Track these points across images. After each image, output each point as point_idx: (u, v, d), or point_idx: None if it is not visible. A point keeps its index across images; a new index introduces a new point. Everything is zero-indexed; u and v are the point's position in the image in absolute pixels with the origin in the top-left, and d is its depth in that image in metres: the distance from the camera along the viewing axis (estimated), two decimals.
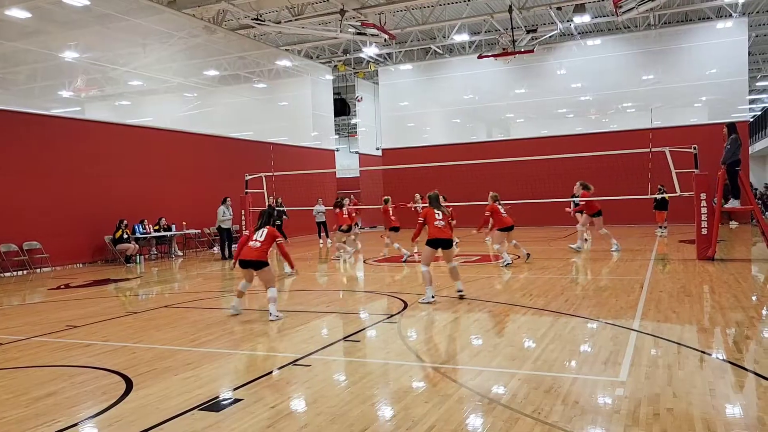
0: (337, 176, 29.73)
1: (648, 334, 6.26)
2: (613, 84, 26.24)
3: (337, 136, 33.97)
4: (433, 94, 30.17)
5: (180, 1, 19.48)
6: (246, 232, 15.14)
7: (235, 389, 4.92)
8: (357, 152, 33.89)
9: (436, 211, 8.63)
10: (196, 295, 10.62)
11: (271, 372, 5.42)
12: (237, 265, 8.02)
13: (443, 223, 8.58)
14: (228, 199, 17.31)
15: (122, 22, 17.95)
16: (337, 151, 30.33)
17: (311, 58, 29.02)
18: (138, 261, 16.87)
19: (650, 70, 25.90)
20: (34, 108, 16.34)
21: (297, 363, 5.64)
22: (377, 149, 31.82)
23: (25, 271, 14.99)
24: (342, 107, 31.33)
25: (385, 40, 21.61)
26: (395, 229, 14.95)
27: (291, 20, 21.86)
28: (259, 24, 19.70)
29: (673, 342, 5.87)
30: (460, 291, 8.78)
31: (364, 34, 20.14)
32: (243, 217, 17.28)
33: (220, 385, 5.13)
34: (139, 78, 21.08)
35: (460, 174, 21.67)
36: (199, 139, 21.15)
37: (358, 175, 30.46)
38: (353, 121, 38.01)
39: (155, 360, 5.96)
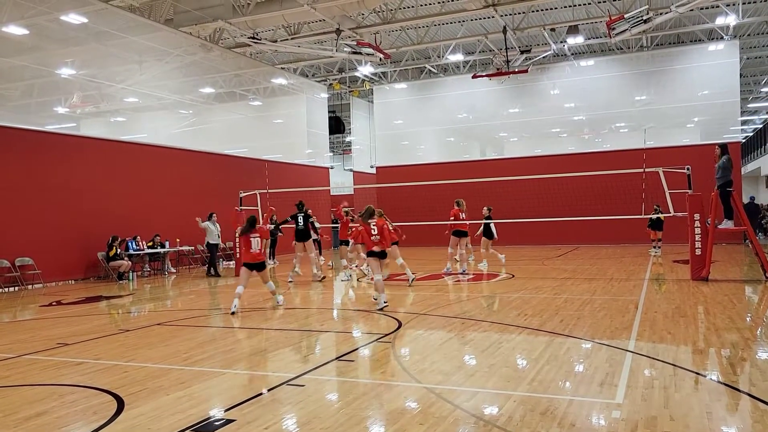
0: (331, 193, 29.76)
1: (643, 355, 6.24)
2: (606, 104, 26.48)
3: (331, 154, 34.09)
4: (427, 113, 30.34)
5: (177, 20, 19.61)
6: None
7: (227, 409, 4.86)
8: (351, 170, 33.96)
9: (371, 225, 10.08)
10: (188, 312, 10.55)
11: (264, 392, 5.36)
12: None
13: (378, 237, 9.99)
14: (214, 215, 17.22)
15: (119, 39, 18.05)
16: (332, 168, 30.37)
17: (307, 76, 29.21)
18: (131, 278, 16.76)
19: (643, 90, 26.18)
20: (29, 124, 16.34)
21: (290, 383, 5.58)
22: (371, 167, 31.91)
23: (16, 288, 14.86)
24: (337, 125, 31.46)
25: (381, 59, 21.77)
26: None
27: (287, 39, 22.04)
28: (255, 42, 19.84)
29: (669, 363, 5.86)
30: (383, 304, 9.66)
31: (360, 53, 20.29)
32: (237, 234, 17.17)
33: (212, 405, 5.06)
34: (134, 95, 21.13)
35: (453, 192, 21.69)
36: (194, 156, 21.16)
37: (352, 192, 30.49)
38: (347, 139, 38.18)
39: (147, 379, 5.89)
